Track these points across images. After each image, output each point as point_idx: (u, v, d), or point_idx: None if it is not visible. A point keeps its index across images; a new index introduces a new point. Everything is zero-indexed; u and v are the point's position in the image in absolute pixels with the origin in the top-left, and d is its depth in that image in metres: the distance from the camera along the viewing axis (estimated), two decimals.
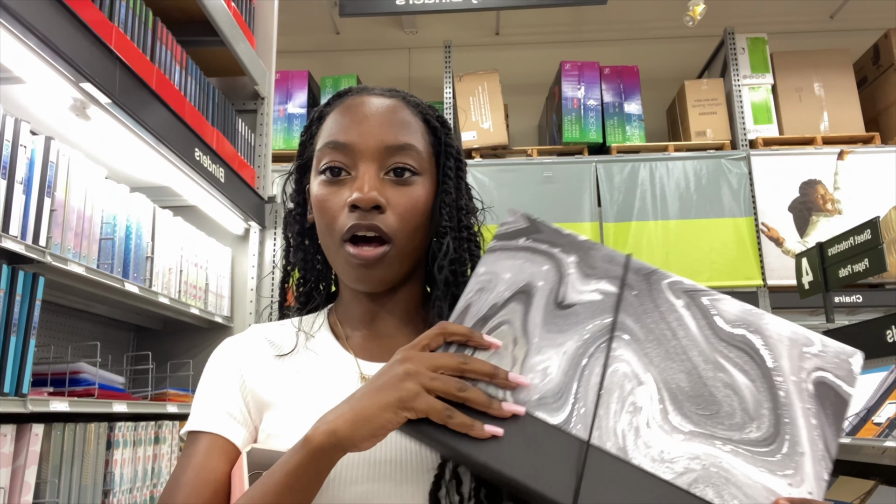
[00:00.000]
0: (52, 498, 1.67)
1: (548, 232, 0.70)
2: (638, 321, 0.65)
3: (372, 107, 0.82)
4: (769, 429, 0.60)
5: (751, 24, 4.88)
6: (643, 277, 0.67)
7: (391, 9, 4.36)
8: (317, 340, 0.85)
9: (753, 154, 4.47)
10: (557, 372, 0.62)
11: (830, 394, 0.61)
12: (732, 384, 0.61)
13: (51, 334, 2.21)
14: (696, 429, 0.60)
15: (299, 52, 5.25)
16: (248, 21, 2.89)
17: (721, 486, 0.57)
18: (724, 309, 0.65)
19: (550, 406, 0.61)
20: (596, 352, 0.63)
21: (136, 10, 1.92)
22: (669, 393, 0.61)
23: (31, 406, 1.53)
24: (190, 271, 2.47)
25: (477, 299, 0.67)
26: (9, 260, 1.56)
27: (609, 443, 0.59)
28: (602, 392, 0.61)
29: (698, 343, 0.63)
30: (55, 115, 1.84)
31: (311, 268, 0.91)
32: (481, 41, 5.52)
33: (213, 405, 0.80)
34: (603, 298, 0.66)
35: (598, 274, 0.68)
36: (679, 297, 0.66)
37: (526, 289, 0.67)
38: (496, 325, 0.65)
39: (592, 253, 0.69)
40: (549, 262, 0.69)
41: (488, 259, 0.69)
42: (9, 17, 1.38)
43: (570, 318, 0.65)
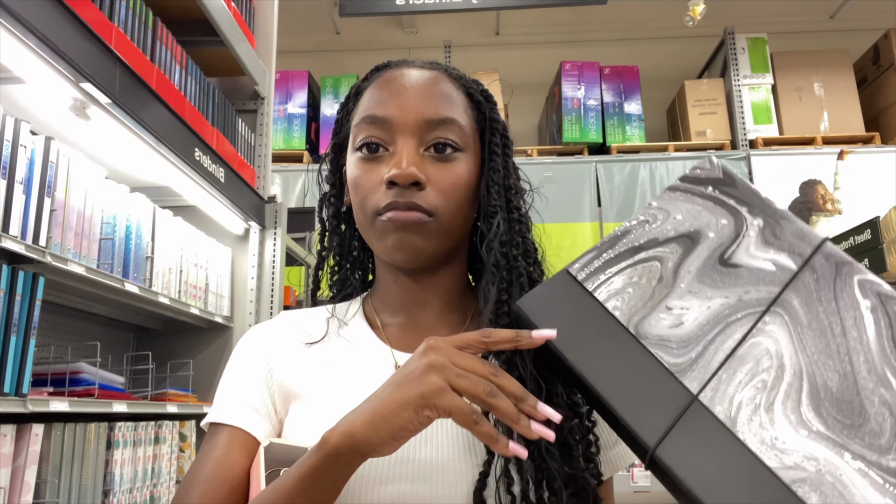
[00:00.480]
0: (52, 498, 1.67)
1: (743, 189, 0.64)
2: (806, 305, 0.57)
3: (411, 79, 0.77)
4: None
5: (751, 24, 4.88)
6: (833, 265, 0.60)
7: (391, 9, 4.36)
8: (350, 328, 0.80)
9: (753, 154, 4.47)
10: (692, 323, 0.57)
11: None
12: (892, 404, 0.53)
13: (51, 334, 2.21)
14: (828, 432, 0.52)
15: (299, 52, 5.25)
16: (248, 21, 2.89)
17: (831, 497, 0.50)
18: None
19: (671, 349, 0.56)
20: (744, 318, 0.57)
21: (136, 10, 1.92)
22: (811, 386, 0.54)
23: (31, 406, 1.53)
24: (190, 271, 2.47)
25: (637, 228, 0.62)
26: (9, 260, 1.56)
27: (720, 407, 0.53)
28: (732, 357, 0.55)
29: (869, 350, 0.56)
30: (55, 115, 1.84)
31: (346, 253, 0.86)
32: (481, 41, 5.52)
33: (235, 396, 0.75)
34: (775, 270, 0.59)
35: (781, 245, 0.61)
36: (868, 298, 0.58)
37: (693, 235, 0.62)
38: (645, 259, 0.61)
39: (784, 224, 0.62)
40: (729, 217, 0.63)
41: (665, 197, 0.65)
42: (9, 17, 1.38)
43: (729, 277, 0.59)
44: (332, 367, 0.76)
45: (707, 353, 0.56)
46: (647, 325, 0.58)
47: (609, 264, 0.62)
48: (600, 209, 4.46)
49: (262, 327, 0.82)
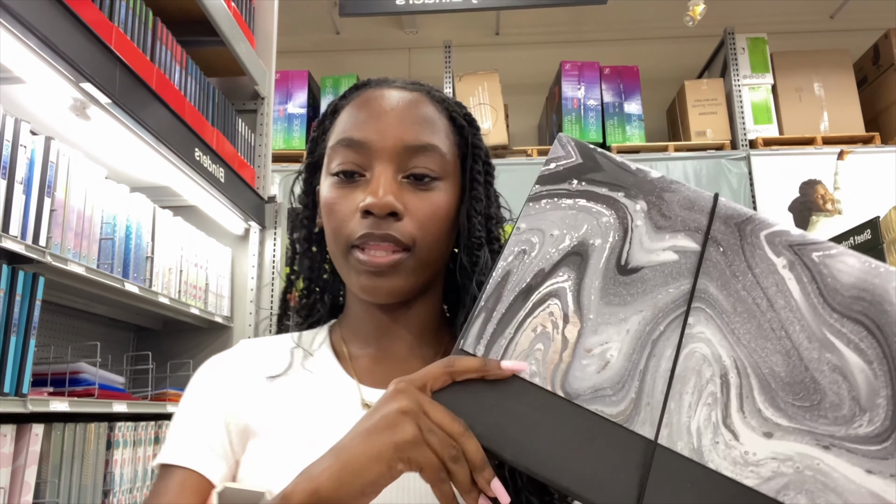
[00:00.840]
0: (52, 498, 1.67)
1: (610, 168, 0.55)
2: (724, 288, 0.52)
3: (392, 101, 0.72)
4: (884, 422, 0.49)
5: (751, 24, 4.88)
6: (734, 228, 0.53)
7: (391, 9, 4.36)
8: (315, 360, 0.75)
9: (753, 154, 4.47)
10: (619, 356, 0.51)
11: None
12: (843, 367, 0.50)
13: (51, 334, 2.21)
14: (792, 424, 0.49)
15: (299, 52, 5.25)
16: (248, 21, 2.89)
17: (816, 492, 0.48)
18: (841, 269, 0.52)
19: (609, 398, 0.50)
20: (668, 329, 0.51)
21: (136, 10, 1.92)
22: (760, 380, 0.50)
23: (31, 406, 1.53)
24: (190, 271, 2.47)
25: (518, 265, 0.54)
26: (9, 260, 1.56)
27: (681, 443, 0.49)
28: (674, 380, 0.50)
29: (802, 315, 0.51)
30: (55, 115, 1.84)
31: (317, 277, 0.82)
32: (481, 41, 5.51)
33: (189, 435, 0.71)
34: (679, 259, 0.53)
35: (674, 225, 0.54)
36: (781, 255, 0.52)
37: (580, 249, 0.54)
38: (541, 300, 0.53)
39: (668, 196, 0.55)
40: (610, 212, 0.55)
41: (530, 210, 0.55)
42: (9, 17, 1.38)
43: (635, 287, 0.53)
44: (295, 402, 0.71)
45: (646, 385, 0.51)
46: (574, 379, 0.51)
47: (504, 324, 0.53)
48: None
49: (221, 358, 0.77)
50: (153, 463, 0.72)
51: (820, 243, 0.53)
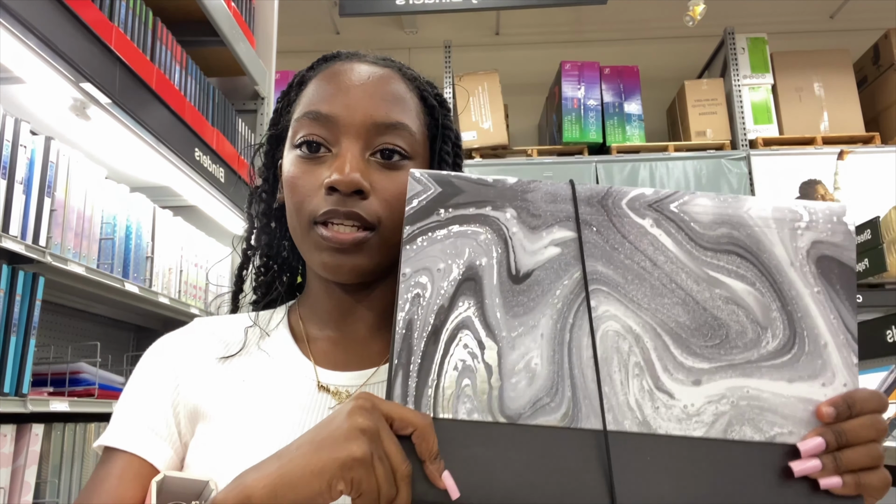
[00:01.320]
0: (52, 498, 1.67)
1: (469, 188, 0.55)
2: (610, 263, 0.54)
3: (362, 75, 0.70)
4: (784, 331, 0.54)
5: (751, 24, 4.88)
6: (598, 206, 0.55)
7: (391, 9, 4.36)
8: (272, 340, 0.73)
9: (753, 154, 4.47)
10: (543, 362, 0.52)
11: (834, 266, 0.55)
12: (733, 297, 0.54)
13: (51, 334, 2.21)
14: (712, 364, 0.53)
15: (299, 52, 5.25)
16: (248, 21, 2.89)
17: (756, 417, 0.52)
18: (698, 211, 0.56)
19: (548, 406, 0.51)
20: (576, 319, 0.53)
21: (136, 10, 1.92)
22: (671, 335, 0.53)
23: (31, 406, 1.53)
24: (190, 271, 2.47)
25: (416, 311, 0.53)
26: (9, 260, 1.56)
27: (627, 421, 0.51)
28: (599, 365, 0.52)
29: (683, 263, 0.54)
30: (55, 115, 1.84)
31: (275, 254, 0.79)
32: (481, 41, 5.51)
33: (134, 417, 0.67)
34: (562, 251, 0.54)
35: (546, 221, 0.55)
36: (645, 216, 0.55)
37: (470, 273, 0.54)
38: (452, 335, 0.53)
39: (530, 196, 0.56)
40: (485, 228, 0.55)
41: (409, 252, 0.54)
42: (9, 17, 1.38)
43: (533, 291, 0.54)
44: (248, 384, 0.69)
45: (577, 380, 0.52)
46: (509, 400, 0.51)
47: (424, 374, 0.52)
48: None
49: (173, 337, 0.74)
50: (95, 444, 0.69)
51: (672, 195, 0.56)
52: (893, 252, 3.21)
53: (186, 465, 0.67)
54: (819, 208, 0.56)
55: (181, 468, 0.68)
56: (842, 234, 0.56)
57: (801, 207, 0.56)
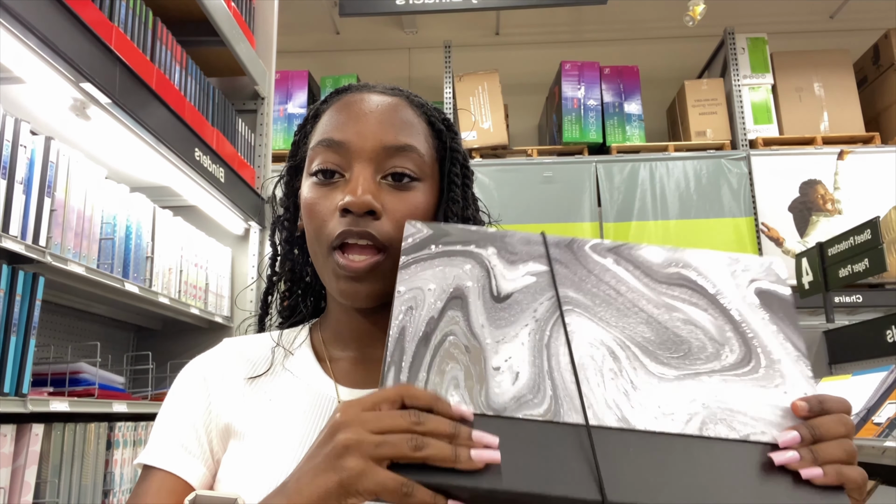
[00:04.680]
0: (52, 498, 1.67)
1: (456, 232, 0.65)
2: (579, 290, 0.62)
3: (371, 104, 0.75)
4: (741, 348, 0.60)
5: (751, 24, 4.88)
6: (566, 248, 0.65)
7: (391, 9, 4.36)
8: (296, 360, 0.77)
9: (753, 154, 4.47)
10: (525, 365, 0.58)
11: (773, 299, 0.63)
12: (690, 319, 0.61)
13: (51, 334, 2.21)
14: (680, 372, 0.58)
15: (299, 52, 5.25)
16: (248, 21, 2.89)
17: (728, 418, 0.56)
18: (647, 255, 0.65)
19: (531, 402, 0.56)
20: (553, 332, 0.59)
21: (136, 10, 1.92)
22: (639, 347, 0.59)
23: (31, 406, 1.53)
24: (190, 271, 2.47)
25: (409, 320, 0.59)
26: (9, 260, 1.56)
27: (608, 417, 0.55)
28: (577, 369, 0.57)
29: (643, 293, 0.62)
30: (55, 115, 1.84)
31: (298, 279, 0.84)
32: (481, 41, 5.52)
33: (169, 436, 0.72)
34: (537, 279, 0.63)
35: (522, 258, 0.64)
36: (606, 257, 0.64)
37: (457, 293, 0.61)
38: (441, 340, 0.58)
39: (507, 240, 0.65)
40: (469, 260, 0.63)
41: (404, 276, 0.62)
42: (9, 17, 1.38)
43: (513, 308, 0.61)
44: (275, 403, 0.73)
45: (557, 381, 0.57)
46: (495, 395, 0.56)
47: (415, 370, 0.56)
48: (600, 209, 4.46)
49: (204, 359, 0.79)
50: (135, 462, 0.74)
51: (626, 244, 0.66)
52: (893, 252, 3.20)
53: (218, 479, 0.72)
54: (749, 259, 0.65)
55: (213, 483, 0.72)
56: (774, 275, 0.64)
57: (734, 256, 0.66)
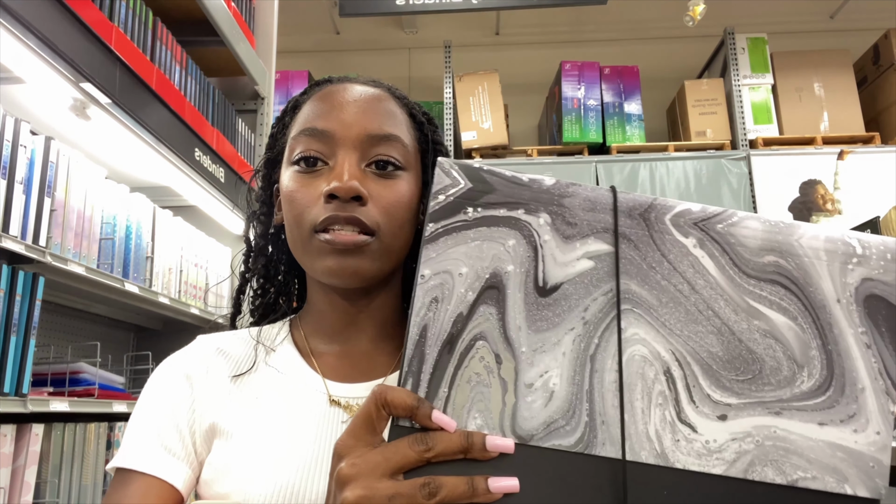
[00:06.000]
0: (52, 498, 1.67)
1: (502, 186, 0.51)
2: (645, 282, 0.51)
3: (354, 93, 0.74)
4: (822, 371, 0.51)
5: (751, 24, 4.88)
6: (640, 219, 0.52)
7: (391, 9, 4.36)
8: (278, 356, 0.74)
9: (753, 154, 4.47)
10: (562, 382, 0.49)
11: (882, 307, 0.52)
12: (772, 330, 0.51)
13: (51, 334, 2.21)
14: (741, 400, 0.50)
15: (299, 52, 5.25)
16: (248, 21, 2.89)
17: (780, 459, 0.49)
18: (746, 234, 0.52)
19: (563, 429, 0.48)
20: (602, 340, 0.50)
21: (136, 10, 1.92)
22: (701, 365, 0.50)
23: (31, 406, 1.53)
24: (190, 271, 2.47)
25: (433, 316, 0.49)
26: (9, 260, 1.56)
27: (644, 452, 0.48)
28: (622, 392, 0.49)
29: (723, 290, 0.51)
30: (55, 115, 1.84)
31: (271, 277, 0.82)
32: (481, 41, 5.51)
33: (148, 438, 0.68)
34: (595, 265, 0.51)
35: (581, 231, 0.51)
36: (689, 235, 0.52)
37: (494, 281, 0.50)
38: (467, 347, 0.49)
39: (568, 202, 0.51)
40: (514, 233, 0.51)
41: (430, 252, 0.50)
42: (9, 17, 1.38)
43: (559, 305, 0.50)
44: (261, 401, 0.70)
45: (596, 405, 0.49)
46: (522, 420, 0.48)
47: (435, 385, 0.48)
48: None
49: (184, 356, 0.75)
50: (108, 466, 0.70)
51: (721, 213, 0.53)
52: None
53: (204, 481, 0.68)
54: (874, 243, 0.53)
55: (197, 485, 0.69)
56: (894, 272, 0.52)
57: (855, 240, 0.53)
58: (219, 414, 0.70)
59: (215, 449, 0.69)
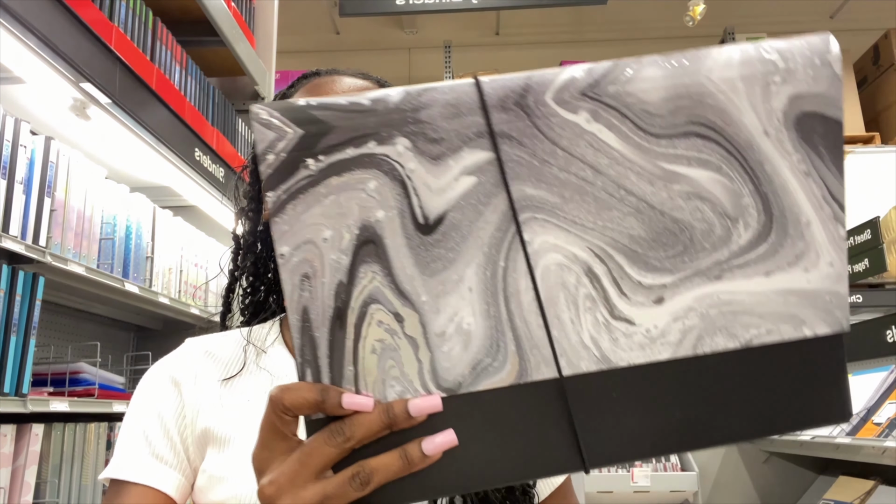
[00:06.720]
0: (52, 498, 1.67)
1: (341, 122, 0.41)
2: (541, 181, 0.43)
3: (343, 85, 0.73)
4: (759, 218, 0.44)
5: (751, 24, 4.88)
6: (516, 109, 0.42)
7: (391, 9, 4.36)
8: (269, 358, 0.73)
9: None
10: (476, 319, 0.43)
11: (817, 124, 0.44)
12: (696, 191, 0.44)
13: (51, 334, 2.21)
14: (675, 277, 0.44)
15: (299, 52, 5.26)
16: (248, 21, 2.89)
17: (730, 324, 0.44)
18: (645, 87, 0.43)
19: (491, 367, 0.43)
20: (509, 261, 0.43)
21: (136, 10, 1.92)
22: (624, 253, 0.44)
23: (31, 406, 1.53)
24: (190, 271, 2.47)
25: (311, 297, 0.42)
26: (9, 260, 1.56)
27: (584, 361, 0.43)
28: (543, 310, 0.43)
29: (633, 162, 0.43)
30: (55, 115, 1.84)
31: (261, 274, 0.80)
32: (481, 41, 5.52)
33: (138, 447, 0.67)
34: (478, 179, 0.42)
35: (451, 145, 0.42)
36: (578, 110, 0.43)
37: (367, 235, 0.42)
38: (361, 314, 0.42)
39: (425, 115, 0.42)
40: (372, 172, 0.42)
41: (281, 227, 0.41)
42: (9, 17, 1.38)
43: (450, 238, 0.42)
44: (253, 404, 0.68)
45: (520, 331, 0.43)
46: (444, 371, 0.42)
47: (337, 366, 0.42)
48: None
49: (171, 361, 0.73)
50: (101, 476, 0.69)
51: (612, 71, 0.44)
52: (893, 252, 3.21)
53: (200, 488, 0.67)
54: (796, 49, 0.44)
55: (192, 493, 0.68)
56: (826, 79, 0.44)
57: (774, 53, 0.44)
58: (210, 420, 0.68)
59: (209, 456, 0.68)
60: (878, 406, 2.30)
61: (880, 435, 2.11)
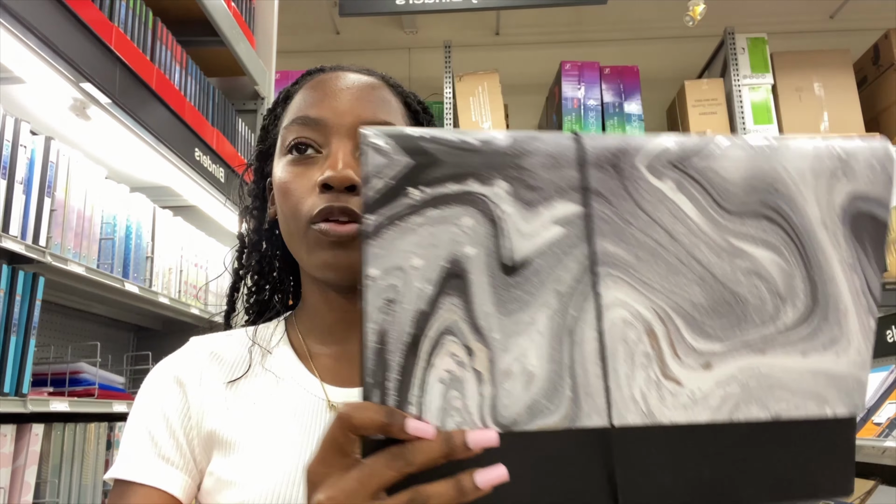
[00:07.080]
0: (52, 498, 1.67)
1: (448, 155, 0.43)
2: (621, 240, 0.46)
3: (348, 81, 0.72)
4: (805, 301, 0.48)
5: (751, 24, 4.88)
6: (609, 169, 0.45)
7: (391, 9, 4.36)
8: (275, 358, 0.72)
9: None
10: (540, 363, 0.45)
11: (867, 223, 0.48)
12: (756, 268, 0.47)
13: (51, 334, 2.21)
14: (726, 345, 0.47)
15: (299, 52, 5.25)
16: (248, 21, 2.89)
17: (764, 396, 0.47)
18: (727, 166, 0.47)
19: (546, 409, 0.45)
20: (580, 309, 0.45)
21: (136, 10, 1.92)
22: (684, 318, 0.47)
23: (31, 406, 1.53)
24: (190, 271, 2.47)
25: (389, 320, 0.43)
26: (9, 260, 1.56)
27: (631, 414, 0.46)
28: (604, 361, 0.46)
29: (705, 234, 0.47)
30: (55, 115, 1.84)
31: (266, 273, 0.79)
32: (481, 41, 5.51)
33: (144, 447, 0.67)
34: (566, 231, 0.45)
35: (546, 195, 0.44)
36: (665, 178, 0.46)
37: (454, 269, 0.44)
38: (435, 343, 0.44)
39: (527, 162, 0.44)
40: (468, 210, 0.43)
41: (374, 248, 0.43)
42: (9, 17, 1.38)
43: (530, 282, 0.45)
44: (259, 407, 0.68)
45: (579, 378, 0.45)
46: (503, 408, 0.44)
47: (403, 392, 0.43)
48: None
49: (175, 361, 0.73)
50: (106, 476, 0.68)
51: (701, 146, 0.47)
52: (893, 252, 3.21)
53: (208, 491, 0.67)
54: (859, 150, 0.48)
55: (197, 494, 0.68)
56: (882, 185, 0.48)
57: (841, 150, 0.48)
58: (216, 422, 0.68)
59: (215, 459, 0.67)
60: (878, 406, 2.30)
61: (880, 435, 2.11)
